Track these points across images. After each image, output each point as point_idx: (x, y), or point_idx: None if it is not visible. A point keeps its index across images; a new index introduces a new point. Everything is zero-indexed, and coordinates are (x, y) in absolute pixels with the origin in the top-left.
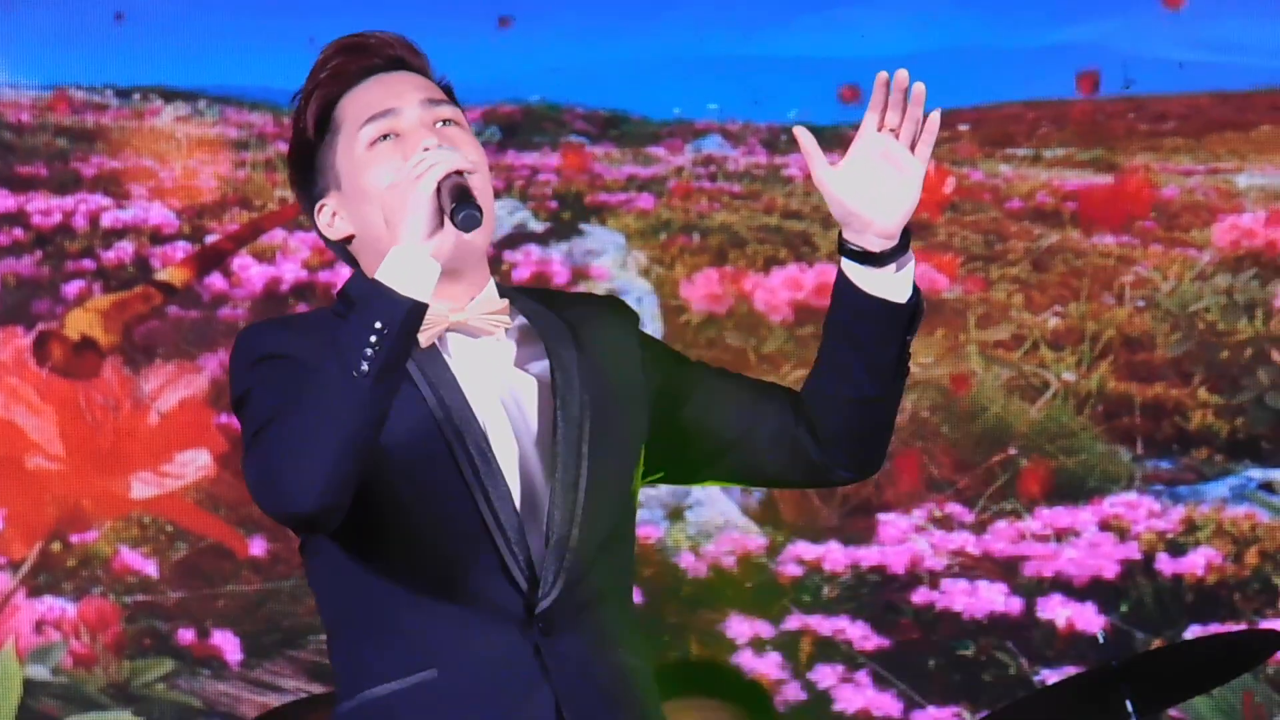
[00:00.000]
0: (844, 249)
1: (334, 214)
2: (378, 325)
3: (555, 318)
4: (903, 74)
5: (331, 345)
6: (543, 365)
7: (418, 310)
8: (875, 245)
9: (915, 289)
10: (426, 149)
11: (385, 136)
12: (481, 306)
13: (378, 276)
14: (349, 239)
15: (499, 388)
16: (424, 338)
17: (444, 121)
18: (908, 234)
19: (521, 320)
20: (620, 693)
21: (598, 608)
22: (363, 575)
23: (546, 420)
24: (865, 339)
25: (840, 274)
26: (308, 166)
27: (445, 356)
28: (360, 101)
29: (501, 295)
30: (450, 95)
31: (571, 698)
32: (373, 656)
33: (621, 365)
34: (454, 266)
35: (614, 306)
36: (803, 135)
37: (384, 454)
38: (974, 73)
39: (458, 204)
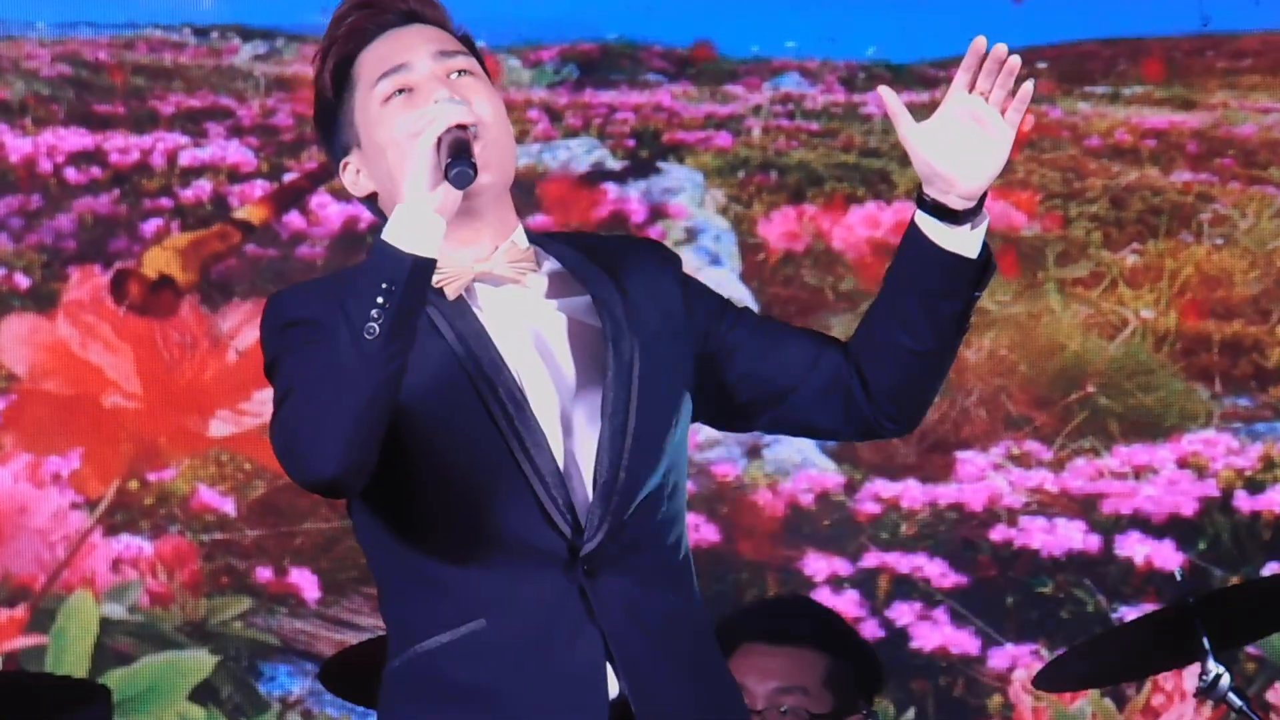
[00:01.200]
0: (922, 203)
1: (357, 171)
2: (383, 285)
3: (591, 262)
4: (1001, 47)
5: (341, 309)
6: (580, 309)
7: (422, 266)
8: (957, 204)
9: (986, 246)
10: (436, 102)
11: (399, 91)
12: (507, 254)
13: (382, 235)
14: (374, 195)
15: (532, 334)
16: (450, 290)
17: (458, 73)
18: (983, 194)
19: (555, 265)
20: (668, 633)
21: (645, 550)
22: (404, 529)
23: (587, 363)
24: (935, 291)
25: (913, 226)
26: (330, 125)
27: (474, 308)
28: (374, 57)
29: (532, 242)
30: (469, 45)
31: (619, 637)
32: (419, 610)
33: (664, 308)
34: (474, 215)
35: (653, 248)
36: (887, 94)
37: (415, 408)
38: (1052, 10)
39: (452, 159)
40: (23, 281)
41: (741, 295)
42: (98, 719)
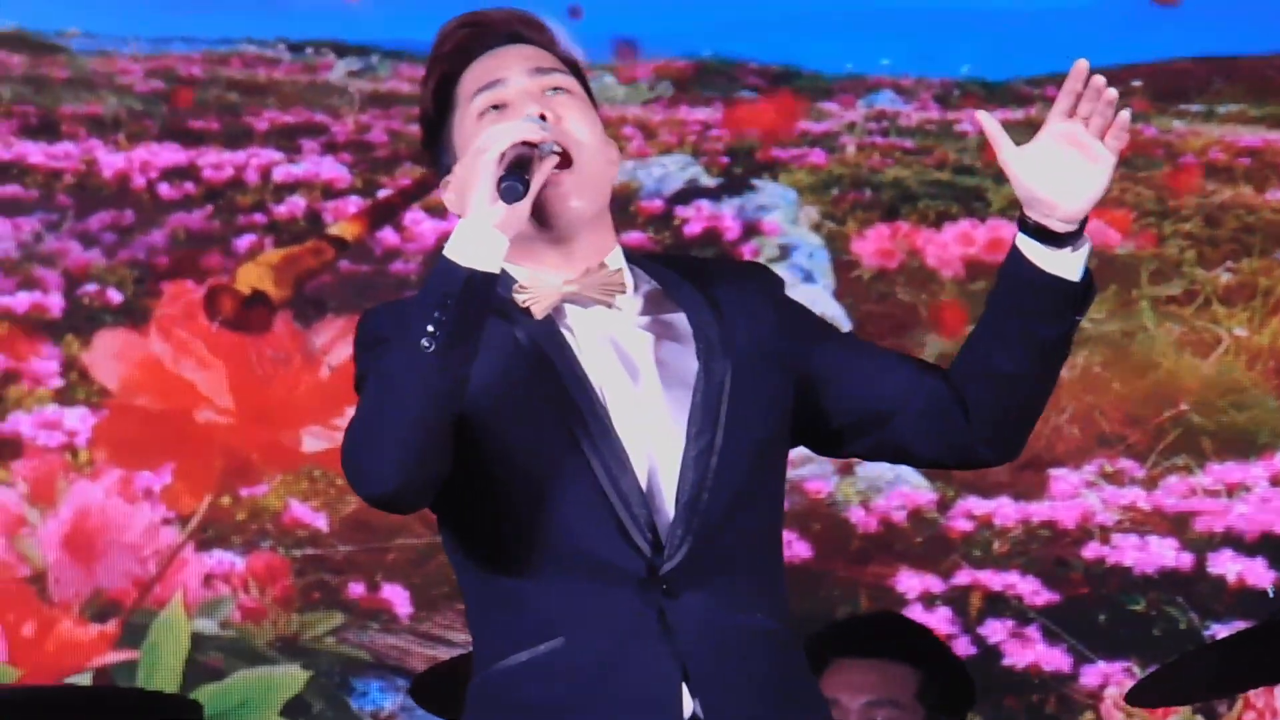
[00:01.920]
0: (1024, 226)
1: (457, 196)
2: (440, 297)
3: (687, 283)
4: (1099, 78)
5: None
6: (672, 329)
7: (477, 280)
8: (1059, 227)
9: (1087, 270)
10: (527, 117)
11: (494, 108)
12: (597, 275)
13: (445, 250)
14: None
15: (619, 353)
16: (537, 309)
17: (554, 90)
18: (1085, 218)
19: (650, 285)
20: (749, 654)
21: (730, 570)
22: (483, 545)
23: (674, 383)
24: (1036, 314)
25: (1014, 249)
26: (434, 144)
27: (561, 327)
28: (473, 76)
29: (631, 262)
30: (573, 68)
31: (696, 658)
32: (498, 627)
33: (761, 330)
34: (565, 240)
35: (754, 271)
36: (985, 118)
37: (495, 423)
38: (1146, 28)
39: (505, 174)
40: (115, 297)
41: (835, 313)
42: None
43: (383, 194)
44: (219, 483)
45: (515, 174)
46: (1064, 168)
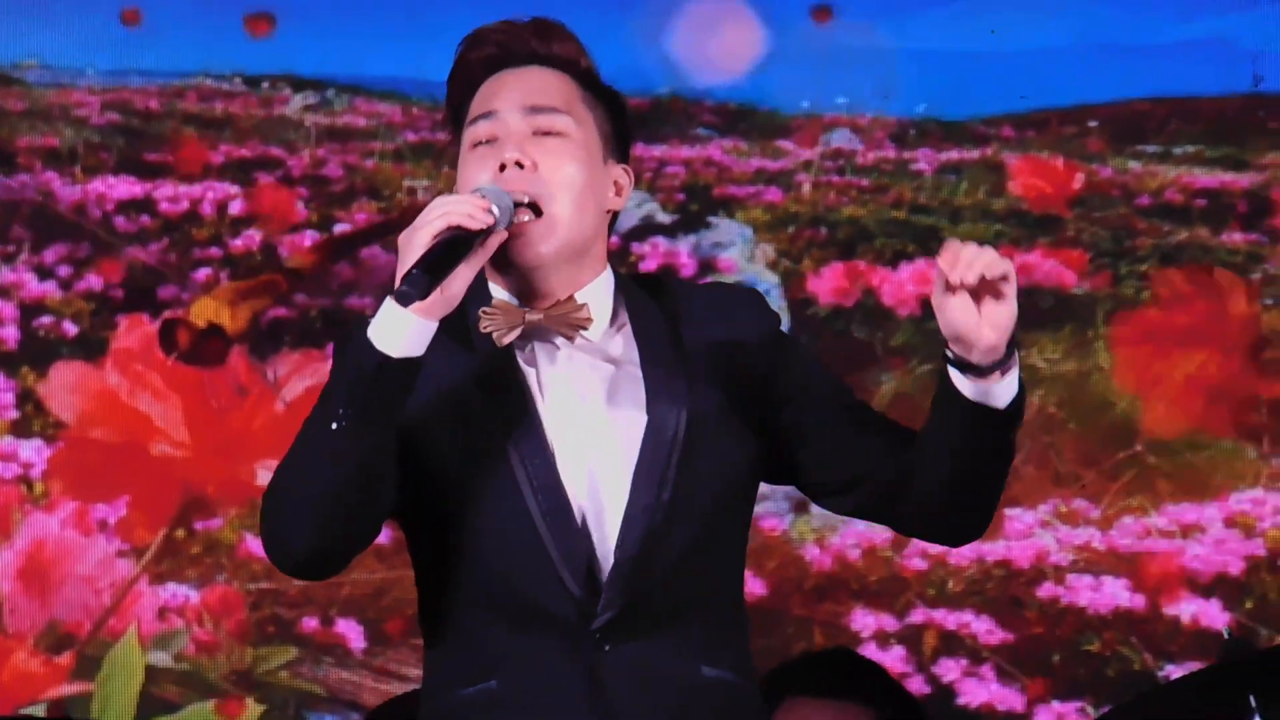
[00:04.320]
0: (948, 358)
1: None
2: (351, 377)
3: (666, 319)
4: (952, 254)
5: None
6: (634, 371)
7: (390, 367)
8: (981, 360)
9: (1020, 386)
10: (476, 189)
11: (485, 141)
12: (562, 309)
13: (369, 327)
14: None
15: (577, 393)
16: (499, 338)
17: (544, 133)
18: (1013, 343)
19: (626, 321)
20: (692, 709)
21: (675, 622)
22: (432, 579)
23: (628, 427)
24: (970, 433)
25: (944, 376)
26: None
27: (520, 359)
28: (479, 98)
29: (621, 288)
30: (590, 83)
31: (629, 713)
32: (443, 658)
33: (737, 374)
34: (537, 279)
35: (749, 304)
36: (941, 263)
37: (440, 457)
38: (1103, 68)
39: (413, 268)
40: (71, 329)
41: None
42: None
43: (339, 229)
44: (174, 516)
45: (415, 273)
46: (975, 308)
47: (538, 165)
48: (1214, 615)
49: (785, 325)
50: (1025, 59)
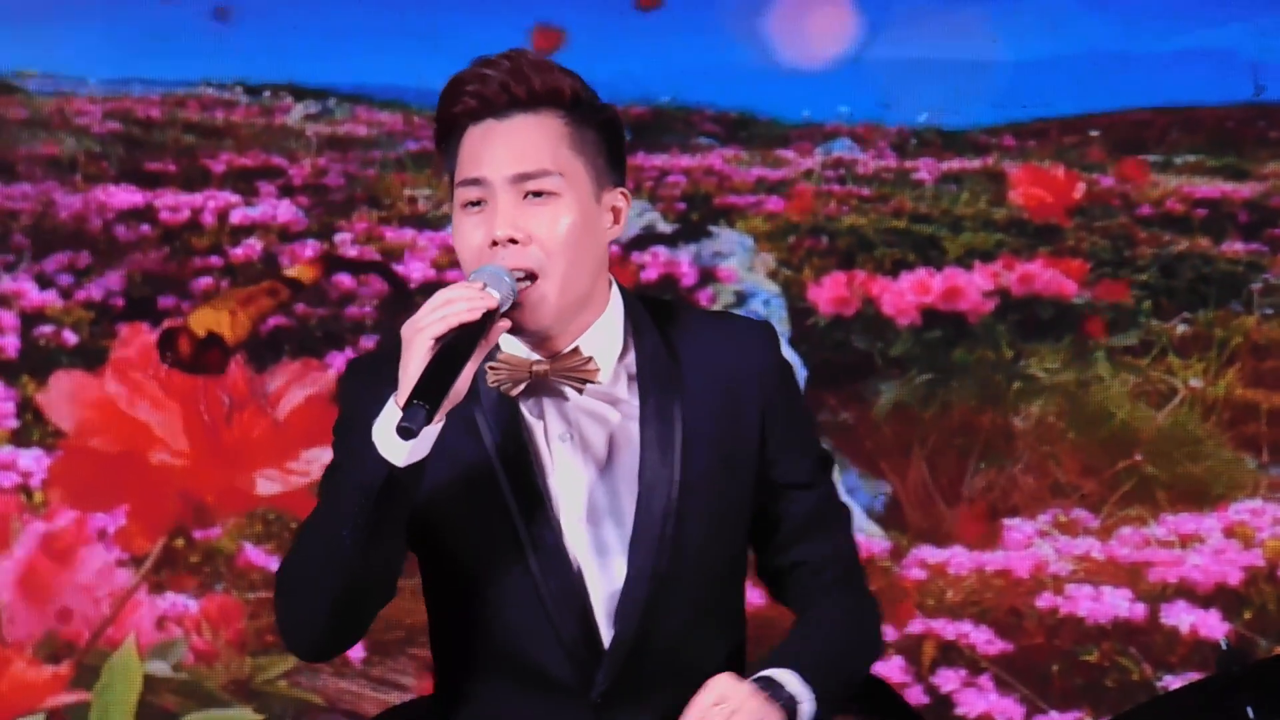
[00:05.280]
0: None
1: None
2: (359, 485)
3: (669, 363)
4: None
5: (331, 488)
6: (634, 428)
7: (399, 477)
8: None
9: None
10: (471, 277)
11: (476, 202)
12: (570, 361)
13: (373, 429)
14: None
15: (580, 448)
16: (507, 390)
17: (535, 195)
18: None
19: (631, 366)
20: None
21: (676, 683)
22: (440, 631)
23: (628, 488)
24: None
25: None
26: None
27: (526, 412)
28: (466, 152)
29: (629, 314)
30: (576, 114)
31: None
32: (450, 698)
33: (738, 422)
34: (539, 331)
35: (757, 348)
36: None
37: (445, 515)
38: (1104, 77)
39: (411, 397)
40: (70, 338)
41: (791, 360)
42: None
43: (339, 237)
44: (173, 525)
45: (417, 400)
46: None
47: (531, 236)
48: (1213, 625)
49: (785, 335)
50: (1026, 68)
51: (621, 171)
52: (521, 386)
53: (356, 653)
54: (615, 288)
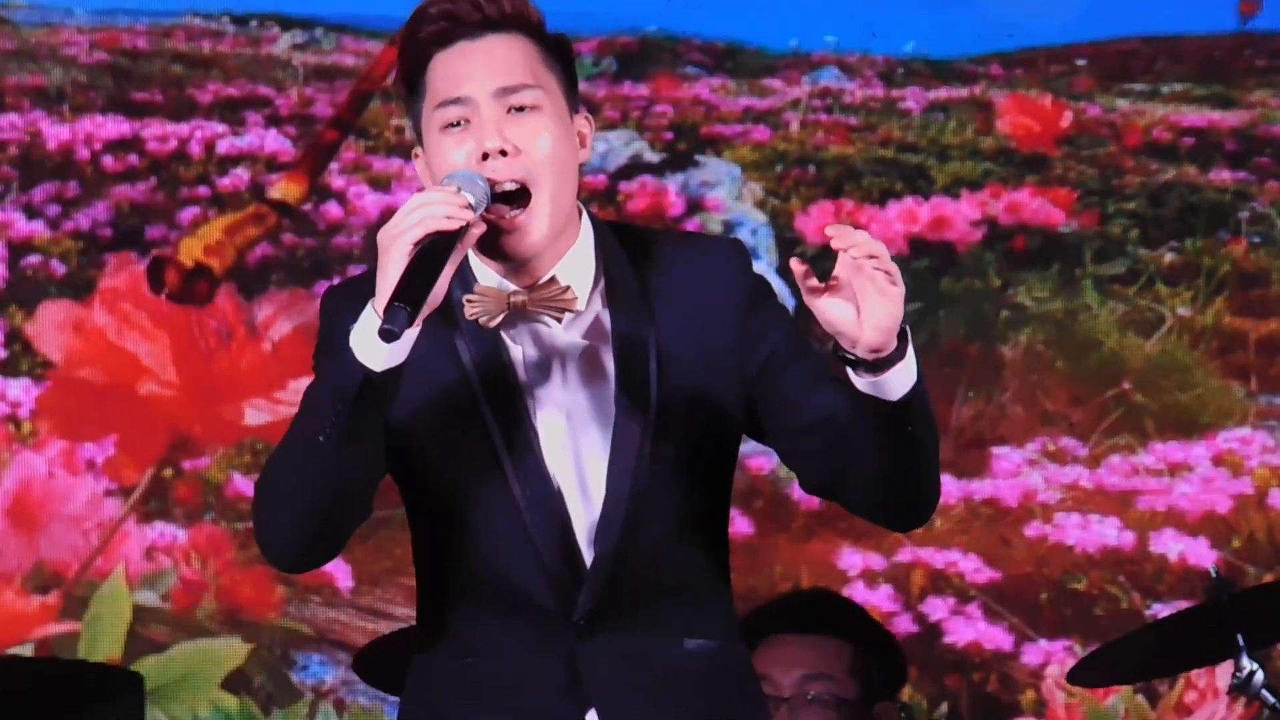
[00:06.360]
0: (836, 353)
1: (425, 166)
2: (335, 393)
3: (639, 290)
4: (839, 240)
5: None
6: (609, 351)
7: (374, 380)
8: (867, 356)
9: (919, 377)
10: (445, 181)
11: (457, 123)
12: (547, 291)
13: (351, 335)
14: None
15: (560, 373)
16: (485, 322)
17: (518, 109)
18: (905, 334)
19: (603, 290)
20: (669, 689)
21: (657, 603)
22: (422, 555)
23: (605, 410)
24: (865, 430)
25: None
26: (409, 111)
27: (507, 339)
28: (440, 76)
29: (599, 243)
30: (555, 47)
31: (607, 702)
32: (433, 622)
33: (710, 343)
34: (519, 258)
35: (724, 258)
36: (796, 266)
37: (426, 440)
38: (1091, 7)
39: (392, 300)
40: (59, 269)
41: (778, 289)
42: (130, 706)
43: (330, 178)
44: (162, 455)
45: (399, 302)
46: (860, 302)
47: (518, 149)
48: (1201, 553)
49: (773, 264)
50: None
51: (578, 97)
52: (500, 318)
53: (345, 582)
54: (585, 215)
